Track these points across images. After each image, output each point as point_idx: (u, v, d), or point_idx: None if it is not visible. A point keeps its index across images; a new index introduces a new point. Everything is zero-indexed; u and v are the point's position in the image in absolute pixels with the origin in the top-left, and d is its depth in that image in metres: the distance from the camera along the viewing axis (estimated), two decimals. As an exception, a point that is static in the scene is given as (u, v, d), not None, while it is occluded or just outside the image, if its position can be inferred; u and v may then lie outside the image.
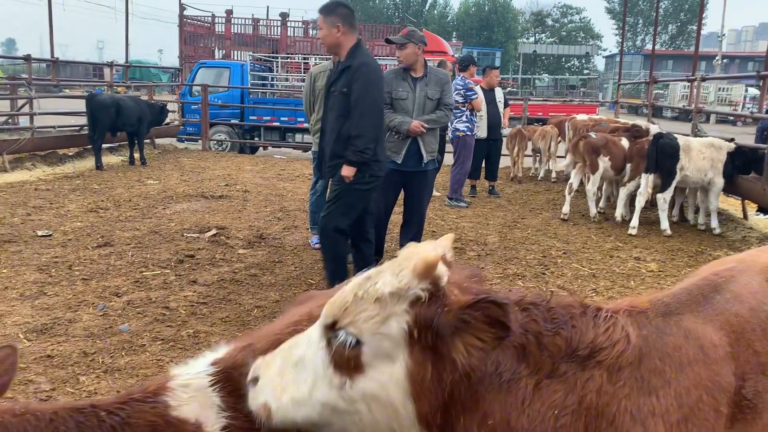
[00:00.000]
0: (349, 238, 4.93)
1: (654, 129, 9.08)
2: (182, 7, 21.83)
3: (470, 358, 1.29)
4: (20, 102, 12.40)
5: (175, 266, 5.86)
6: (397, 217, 6.47)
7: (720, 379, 1.38)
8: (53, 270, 5.56)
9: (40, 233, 6.72)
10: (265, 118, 16.22)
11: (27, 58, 11.82)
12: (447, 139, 10.40)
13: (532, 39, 66.24)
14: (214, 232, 7.08)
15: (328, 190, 5.04)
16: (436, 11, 66.82)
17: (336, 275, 4.69)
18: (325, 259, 4.96)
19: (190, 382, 1.65)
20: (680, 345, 1.40)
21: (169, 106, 14.34)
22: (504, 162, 11.44)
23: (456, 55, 24.26)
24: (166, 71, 41.10)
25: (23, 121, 12.77)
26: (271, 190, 10.07)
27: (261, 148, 16.75)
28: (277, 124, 16.18)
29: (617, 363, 1.36)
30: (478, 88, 9.58)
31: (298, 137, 16.23)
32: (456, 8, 67.90)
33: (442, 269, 1.36)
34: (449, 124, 8.60)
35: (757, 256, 1.77)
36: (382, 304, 1.34)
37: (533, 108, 20.98)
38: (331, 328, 1.40)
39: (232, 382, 1.66)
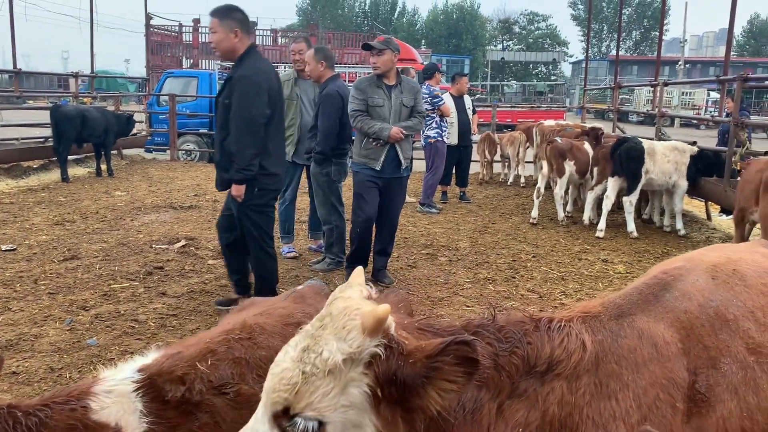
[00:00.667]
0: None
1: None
2: (149, 17, 21.61)
3: (443, 402, 1.24)
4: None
5: (144, 278, 5.79)
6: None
7: (674, 376, 1.41)
8: (18, 285, 5.45)
9: (3, 248, 6.57)
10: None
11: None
12: (417, 146, 10.50)
13: (500, 46, 67.03)
14: (183, 243, 7.01)
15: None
16: (404, 19, 67.23)
17: (273, 293, 4.68)
18: (256, 278, 4.88)
19: (113, 388, 1.69)
20: (635, 346, 1.42)
21: (137, 117, 14.18)
22: (474, 168, 11.57)
23: (424, 63, 24.46)
24: (133, 81, 40.52)
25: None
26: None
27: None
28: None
29: (575, 372, 1.36)
30: (447, 96, 9.68)
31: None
32: (424, 16, 68.46)
33: (389, 319, 1.28)
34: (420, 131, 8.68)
35: (704, 255, 1.83)
36: (336, 374, 1.23)
37: (502, 114, 21.22)
38: (285, 416, 1.26)
39: (155, 389, 1.71)
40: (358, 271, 1.54)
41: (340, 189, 6.30)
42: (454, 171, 10.39)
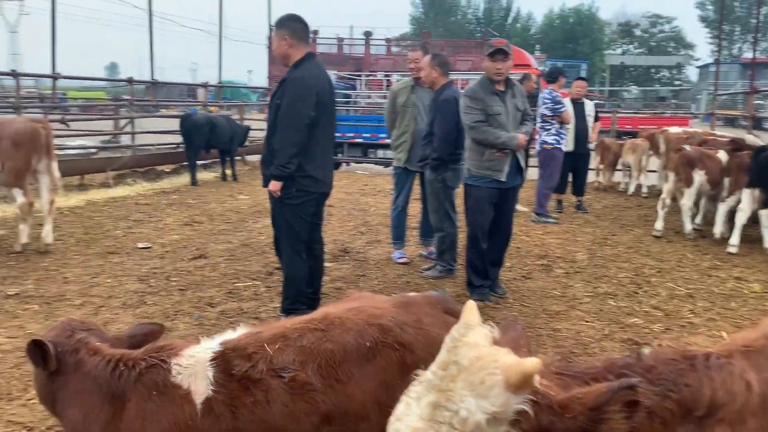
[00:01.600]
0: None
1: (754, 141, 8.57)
2: (271, 29, 22.62)
3: None
4: (122, 122, 13.22)
5: (265, 278, 6.05)
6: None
7: None
8: (152, 280, 5.87)
9: (140, 245, 7.12)
10: (347, 134, 16.51)
11: (129, 81, 12.64)
12: (531, 152, 10.27)
13: (619, 50, 64.18)
14: (300, 245, 7.24)
15: None
16: (518, 24, 66.05)
17: (298, 293, 4.70)
18: (284, 278, 4.91)
19: (196, 354, 1.94)
20: None
21: (258, 125, 14.89)
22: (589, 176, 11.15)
23: (540, 68, 23.87)
24: (255, 91, 42.59)
25: (125, 139, 13.61)
26: (354, 204, 10.23)
27: (344, 164, 17.05)
28: (360, 140, 16.44)
29: (740, 417, 1.22)
30: (567, 101, 9.38)
31: (380, 153, 16.42)
32: (539, 20, 66.93)
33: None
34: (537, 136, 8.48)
35: None
36: None
37: (623, 121, 20.28)
38: None
39: (226, 362, 1.91)
40: (471, 308, 1.44)
41: (454, 195, 6.27)
42: (570, 179, 10.05)
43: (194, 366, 1.92)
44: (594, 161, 11.90)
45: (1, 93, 28.11)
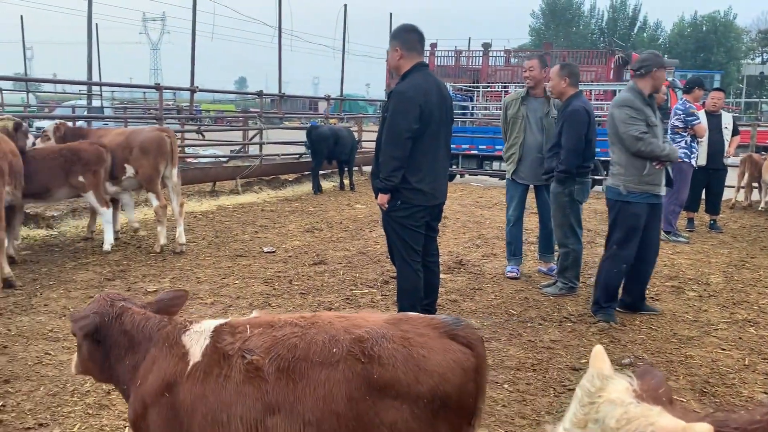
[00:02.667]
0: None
1: None
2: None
3: None
4: (251, 132, 13.98)
5: (381, 286, 6.13)
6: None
7: None
8: (276, 283, 6.13)
9: (265, 249, 7.46)
10: (463, 146, 16.45)
11: (259, 94, 13.36)
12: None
13: (758, 59, 59.40)
14: (416, 256, 7.28)
15: None
16: (645, 34, 62.95)
17: (413, 306, 4.54)
18: (398, 291, 4.81)
19: (205, 325, 2.22)
20: None
21: (374, 136, 15.17)
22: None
23: (669, 79, 22.59)
24: (372, 103, 43.59)
25: (252, 149, 14.38)
26: (468, 216, 10.15)
27: (458, 176, 16.99)
28: (475, 152, 16.31)
29: None
30: (701, 114, 8.79)
31: (496, 165, 16.20)
32: (668, 29, 63.42)
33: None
34: None
35: None
36: None
37: (762, 135, 18.72)
38: None
39: (219, 336, 2.13)
40: (600, 354, 1.32)
41: (581, 210, 6.05)
42: (703, 196, 9.39)
43: (199, 334, 2.18)
44: (736, 177, 11.05)
45: (143, 105, 30.65)
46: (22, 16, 26.53)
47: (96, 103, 20.37)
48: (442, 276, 6.43)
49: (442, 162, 4.73)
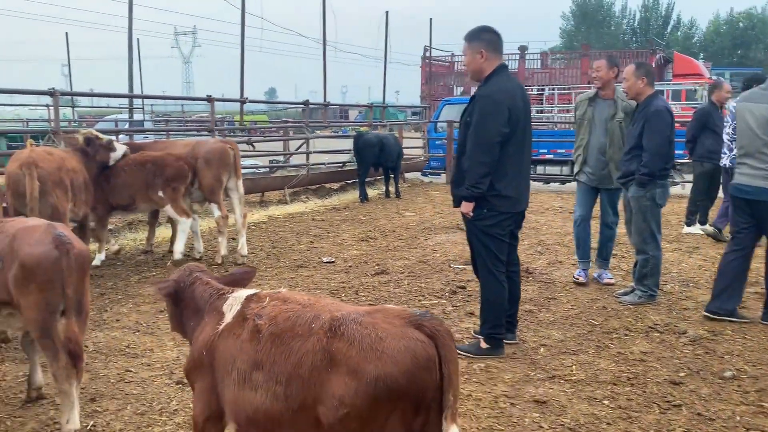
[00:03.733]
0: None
1: None
2: (425, 49, 22.99)
3: None
4: (298, 142, 13.95)
5: (449, 297, 5.96)
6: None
7: None
8: (342, 294, 6.00)
9: (324, 260, 7.35)
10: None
11: (306, 104, 13.33)
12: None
13: (799, 55, 57.80)
14: (480, 264, 7.10)
15: None
16: (679, 33, 61.81)
17: (497, 318, 4.49)
18: (481, 301, 4.65)
19: (240, 294, 2.56)
20: None
21: (413, 143, 15.04)
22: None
23: (711, 77, 22.07)
24: (403, 110, 43.60)
25: (296, 158, 14.36)
26: (523, 222, 9.89)
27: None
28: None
29: None
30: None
31: (540, 169, 15.95)
32: (703, 27, 62.16)
33: None
34: None
35: None
36: None
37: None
38: None
39: (246, 304, 2.47)
40: None
41: (660, 215, 5.81)
42: None
43: (234, 302, 2.52)
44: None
45: (179, 117, 31.00)
46: (67, 33, 27.09)
47: (137, 116, 20.67)
48: (511, 285, 6.29)
49: (526, 167, 4.59)
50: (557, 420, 3.59)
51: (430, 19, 22.01)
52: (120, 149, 6.70)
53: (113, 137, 7.11)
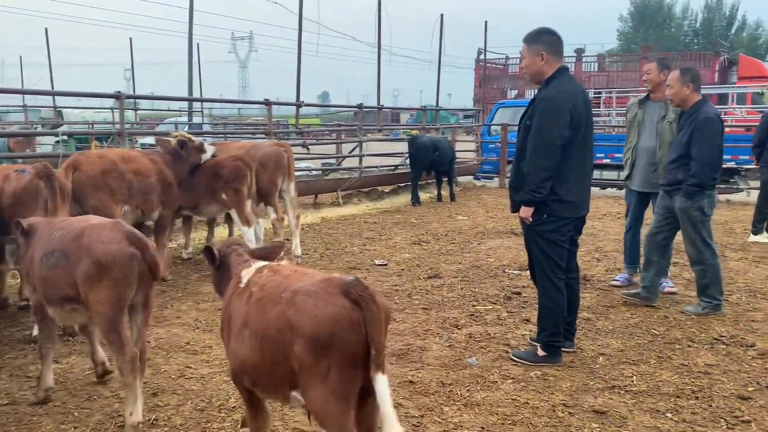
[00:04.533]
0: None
1: None
2: (479, 52, 22.82)
3: None
4: (351, 145, 14.06)
5: (504, 302, 5.88)
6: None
7: None
8: (396, 297, 6.00)
9: (377, 262, 7.37)
10: (561, 155, 15.95)
11: (359, 107, 13.43)
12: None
13: None
14: (535, 270, 6.98)
15: None
16: (744, 33, 59.48)
17: (557, 326, 4.41)
18: (539, 308, 4.59)
19: (255, 265, 2.95)
20: None
21: (466, 146, 14.94)
22: None
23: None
24: (455, 113, 43.39)
25: (348, 161, 14.47)
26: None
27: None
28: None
29: None
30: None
31: (596, 173, 15.62)
32: (772, 27, 59.59)
33: None
34: None
35: None
36: None
37: None
38: None
39: (258, 273, 2.85)
40: None
41: (711, 223, 5.64)
42: None
43: (249, 271, 2.90)
44: None
45: (236, 121, 31.67)
46: (131, 39, 28.05)
47: (196, 119, 21.22)
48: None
49: (588, 171, 4.49)
50: (618, 431, 3.49)
51: (485, 21, 21.86)
52: (210, 150, 6.81)
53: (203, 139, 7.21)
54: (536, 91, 4.59)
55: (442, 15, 19.57)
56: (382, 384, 2.34)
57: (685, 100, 5.46)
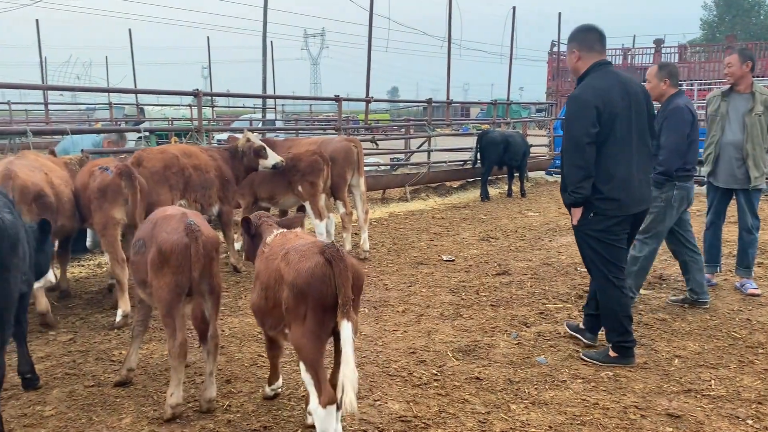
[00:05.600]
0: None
1: None
2: (553, 44, 22.30)
3: None
4: (419, 140, 14.07)
5: (575, 301, 5.76)
6: None
7: None
8: (463, 293, 5.97)
9: (444, 258, 7.35)
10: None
11: (428, 102, 13.40)
12: None
13: None
14: (607, 268, 6.79)
15: None
16: None
17: (621, 325, 4.29)
18: (600, 308, 4.48)
19: (276, 231, 3.55)
20: None
21: (539, 141, 14.63)
22: None
23: None
24: (527, 107, 42.63)
25: (418, 156, 14.48)
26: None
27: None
28: (652, 155, 15.22)
29: None
30: None
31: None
32: None
33: None
34: None
35: None
36: None
37: None
38: None
39: (278, 237, 3.46)
40: None
41: (688, 215, 5.57)
42: None
43: (271, 237, 3.48)
44: None
45: (307, 117, 32.23)
46: (208, 37, 29.02)
47: (270, 116, 21.75)
48: (643, 291, 5.97)
49: (639, 165, 4.25)
50: (694, 437, 3.37)
51: (559, 13, 21.30)
52: (272, 158, 6.76)
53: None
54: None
55: (514, 8, 19.25)
56: (345, 329, 2.83)
57: (662, 94, 5.43)
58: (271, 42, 22.52)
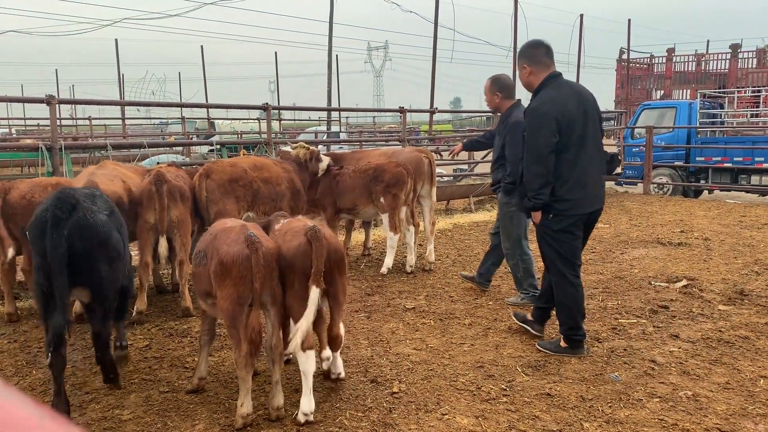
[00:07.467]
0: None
1: None
2: (622, 51, 21.72)
3: None
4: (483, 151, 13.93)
5: (649, 316, 5.54)
6: None
7: None
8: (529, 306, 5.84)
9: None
10: (714, 158, 14.76)
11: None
12: None
13: None
14: (684, 282, 6.52)
15: None
16: None
17: (573, 319, 4.61)
18: (556, 305, 4.81)
19: (283, 221, 4.13)
20: None
21: (610, 150, 14.20)
22: None
23: None
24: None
25: (482, 166, 14.34)
26: (735, 238, 8.92)
27: (706, 192, 15.29)
28: (729, 164, 14.55)
29: None
30: None
31: (755, 179, 14.29)
32: None
33: None
34: None
35: None
36: None
37: None
38: None
39: (283, 225, 4.08)
40: None
41: (526, 224, 5.89)
42: None
43: (281, 223, 4.07)
44: None
45: (370, 128, 32.48)
46: (276, 53, 29.79)
47: (334, 128, 22.08)
48: (722, 308, 5.70)
49: (593, 167, 4.55)
50: (784, 464, 3.16)
51: (629, 19, 20.67)
52: (325, 160, 7.05)
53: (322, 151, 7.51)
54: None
55: (581, 15, 18.88)
56: (313, 292, 3.57)
57: (498, 106, 5.97)
58: (336, 55, 22.85)
